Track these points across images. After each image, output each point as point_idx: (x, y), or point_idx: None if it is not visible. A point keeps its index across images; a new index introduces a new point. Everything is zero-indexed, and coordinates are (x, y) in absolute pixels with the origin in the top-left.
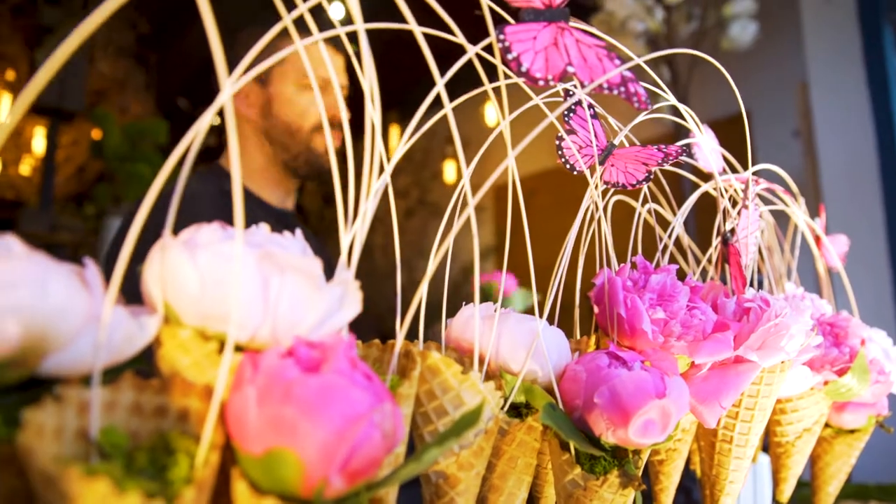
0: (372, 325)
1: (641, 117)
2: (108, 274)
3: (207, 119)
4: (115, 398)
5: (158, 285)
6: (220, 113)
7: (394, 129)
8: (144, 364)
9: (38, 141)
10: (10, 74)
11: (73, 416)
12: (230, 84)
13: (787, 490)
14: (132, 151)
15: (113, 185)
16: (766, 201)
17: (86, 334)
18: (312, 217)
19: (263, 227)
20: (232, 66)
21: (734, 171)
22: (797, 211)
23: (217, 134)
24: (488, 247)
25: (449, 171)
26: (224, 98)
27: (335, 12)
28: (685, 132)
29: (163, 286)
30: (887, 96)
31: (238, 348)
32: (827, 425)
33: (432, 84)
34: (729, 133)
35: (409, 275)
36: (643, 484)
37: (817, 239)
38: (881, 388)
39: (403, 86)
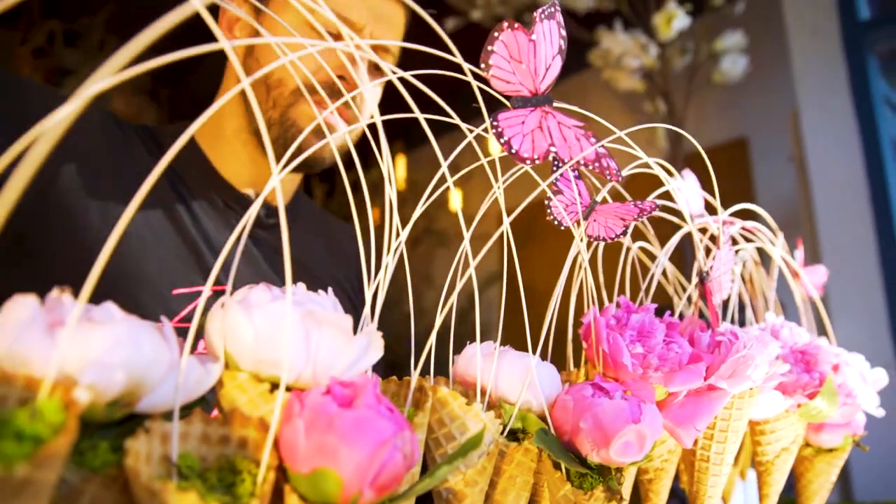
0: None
1: (610, 184)
2: None
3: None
4: (188, 430)
5: (220, 337)
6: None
7: (400, 159)
8: (206, 402)
9: None
10: None
11: (158, 444)
12: (277, 172)
13: None
14: None
15: None
16: (747, 239)
17: (168, 379)
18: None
19: (301, 287)
20: None
21: (722, 208)
22: (774, 249)
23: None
24: (493, 273)
25: (455, 199)
26: (274, 182)
27: None
28: (680, 160)
29: (223, 338)
30: (874, 123)
31: (285, 388)
32: (808, 445)
33: (438, 115)
34: (725, 159)
35: (417, 303)
36: (624, 498)
37: (795, 272)
38: (850, 409)
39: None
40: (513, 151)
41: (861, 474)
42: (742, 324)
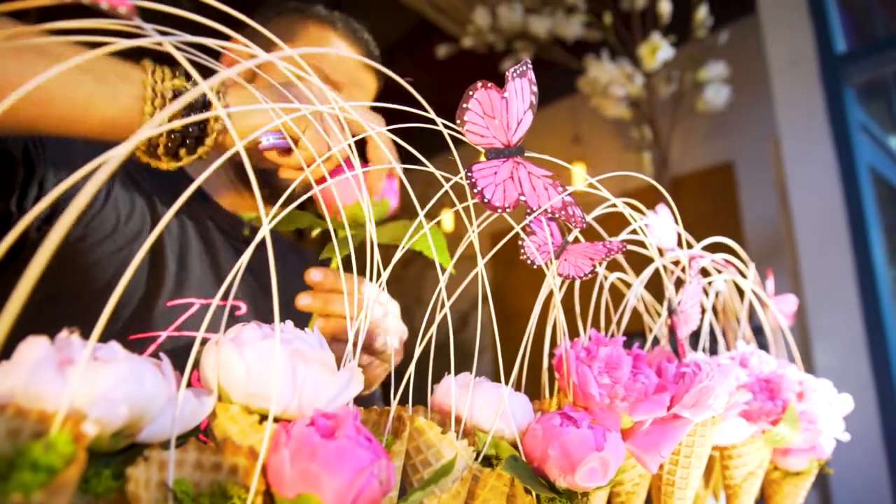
0: None
1: (578, 228)
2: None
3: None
4: (183, 457)
5: (214, 372)
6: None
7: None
8: (200, 432)
9: None
10: None
11: (156, 472)
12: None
13: None
14: None
15: None
16: (719, 270)
17: (166, 411)
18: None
19: (289, 325)
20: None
21: (697, 239)
22: (745, 282)
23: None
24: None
25: (446, 220)
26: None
27: None
28: (666, 184)
29: (217, 373)
30: (851, 150)
31: (273, 419)
32: (776, 469)
33: (425, 135)
34: (710, 182)
35: (408, 322)
36: None
37: (764, 303)
38: (811, 435)
39: (397, 135)
40: (485, 201)
41: (841, 495)
42: (714, 353)
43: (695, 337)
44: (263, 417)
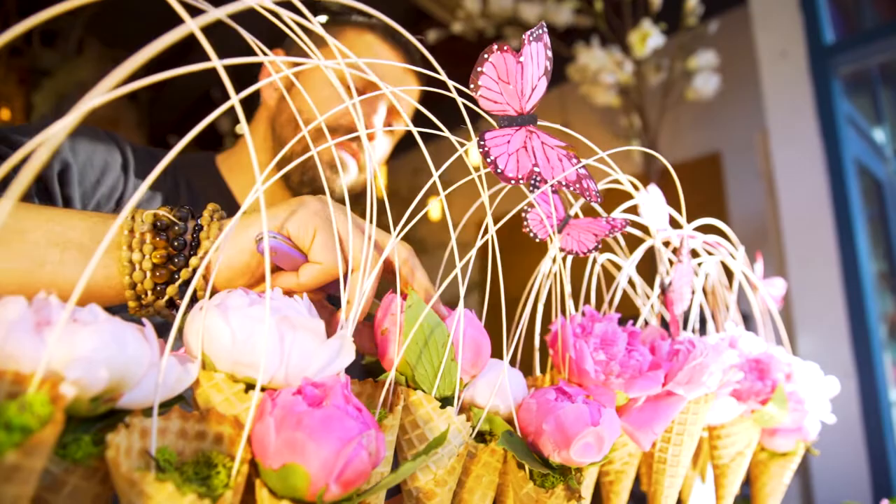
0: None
1: (582, 200)
2: None
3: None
4: (167, 425)
5: (198, 339)
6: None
7: (382, 166)
8: (184, 400)
9: None
10: (6, 114)
11: (137, 439)
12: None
13: None
14: None
15: None
16: (710, 252)
17: (149, 377)
18: None
19: (278, 292)
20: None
21: (689, 221)
22: (735, 263)
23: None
24: (473, 281)
25: (434, 208)
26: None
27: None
28: (654, 173)
29: (201, 340)
30: (837, 142)
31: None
32: (763, 450)
33: (421, 125)
34: (698, 172)
35: None
36: (584, 496)
37: (754, 285)
38: (798, 415)
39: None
40: (498, 171)
41: (822, 481)
42: (704, 334)
43: (683, 320)
44: (249, 386)
